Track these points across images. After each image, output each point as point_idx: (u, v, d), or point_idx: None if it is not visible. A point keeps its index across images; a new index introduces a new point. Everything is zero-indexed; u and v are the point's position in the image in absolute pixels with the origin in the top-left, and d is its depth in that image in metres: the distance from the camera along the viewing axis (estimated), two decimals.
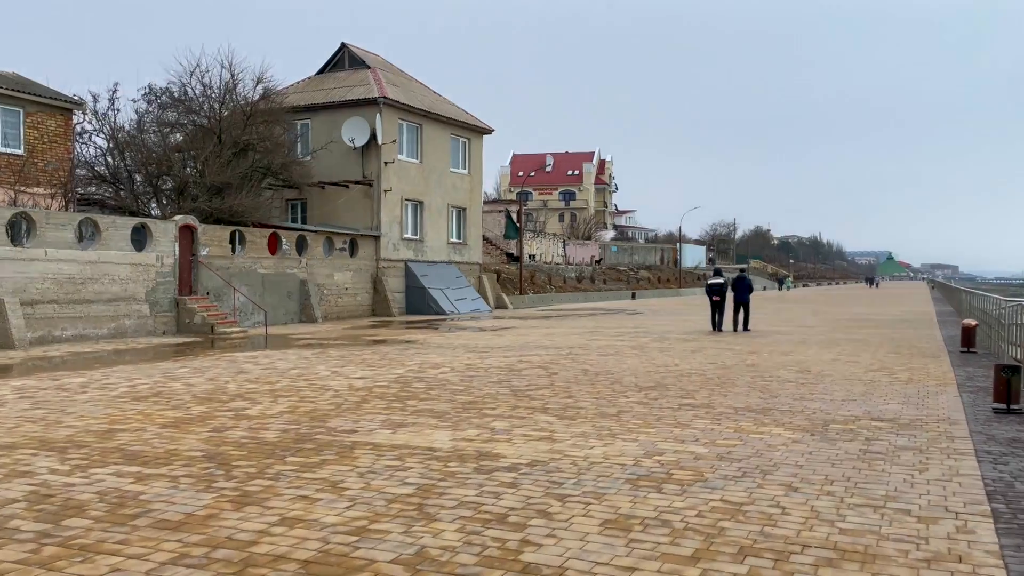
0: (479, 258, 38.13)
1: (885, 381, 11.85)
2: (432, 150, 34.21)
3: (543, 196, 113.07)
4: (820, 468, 6.38)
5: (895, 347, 17.68)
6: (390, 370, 13.32)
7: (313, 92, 33.64)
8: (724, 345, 18.12)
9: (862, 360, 14.91)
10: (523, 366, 13.84)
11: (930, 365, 14.05)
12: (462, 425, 8.32)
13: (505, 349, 17.13)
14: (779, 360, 14.90)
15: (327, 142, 31.44)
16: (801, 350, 16.91)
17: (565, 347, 17.56)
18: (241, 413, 9.19)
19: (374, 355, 15.94)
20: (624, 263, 78.95)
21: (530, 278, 46.77)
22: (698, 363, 14.35)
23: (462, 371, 13.12)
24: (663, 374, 12.69)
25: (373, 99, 31.22)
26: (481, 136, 37.72)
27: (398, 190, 32.20)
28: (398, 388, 11.16)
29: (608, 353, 16.18)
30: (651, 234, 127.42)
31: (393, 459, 6.77)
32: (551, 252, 69.28)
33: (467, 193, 36.77)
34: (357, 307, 30.40)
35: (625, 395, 10.46)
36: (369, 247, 31.18)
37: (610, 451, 7.04)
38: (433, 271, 33.81)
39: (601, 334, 21.64)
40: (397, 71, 36.70)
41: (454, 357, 15.44)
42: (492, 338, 20.33)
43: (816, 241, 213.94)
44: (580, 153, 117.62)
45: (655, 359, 15.07)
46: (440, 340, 19.77)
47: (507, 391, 10.81)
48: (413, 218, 33.67)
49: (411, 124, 33.18)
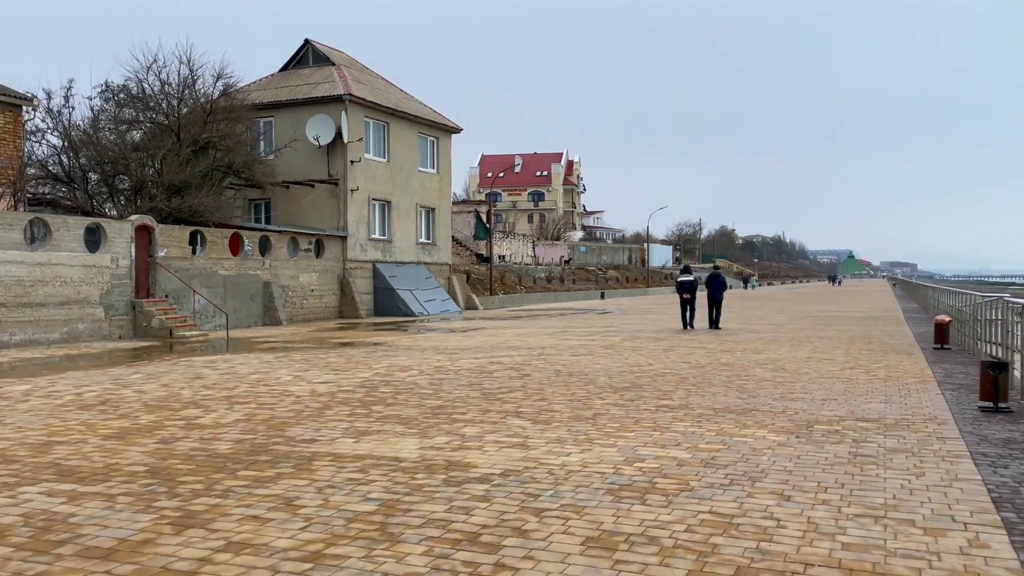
0: (448, 259, 37.59)
1: (863, 379, 11.57)
2: (400, 149, 33.62)
3: (512, 197, 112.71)
4: (811, 474, 6.00)
5: (867, 344, 17.50)
6: (355, 374, 12.78)
7: (276, 89, 32.87)
8: (696, 344, 17.82)
9: (836, 357, 14.66)
10: (494, 368, 13.37)
11: (905, 362, 13.84)
12: (430, 432, 7.83)
13: (475, 350, 16.65)
14: (753, 358, 14.61)
15: (291, 140, 30.70)
16: (773, 348, 16.65)
17: (536, 348, 17.13)
18: (193, 422, 8.61)
19: (339, 358, 15.37)
20: (593, 263, 78.85)
21: (500, 278, 46.33)
22: (672, 362, 14.00)
23: (431, 374, 12.62)
24: (637, 374, 12.31)
25: (338, 96, 30.56)
26: (449, 135, 37.19)
27: (365, 189, 31.56)
28: (363, 393, 10.63)
29: (580, 353, 15.78)
30: (618, 234, 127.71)
31: (355, 471, 6.27)
32: (521, 252, 68.91)
33: (436, 193, 36.21)
34: (323, 309, 29.71)
35: (600, 396, 10.04)
36: (335, 248, 30.49)
37: (588, 458, 6.60)
38: (402, 272, 33.21)
39: (572, 334, 21.25)
40: (363, 68, 36.04)
41: (423, 359, 14.92)
42: (462, 339, 19.83)
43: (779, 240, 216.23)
44: (548, 154, 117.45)
45: (628, 358, 14.69)
46: (409, 342, 19.23)
47: (478, 394, 10.34)
48: (381, 218, 33.05)
49: (378, 122, 32.56)
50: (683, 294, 22.58)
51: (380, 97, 32.91)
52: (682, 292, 22.64)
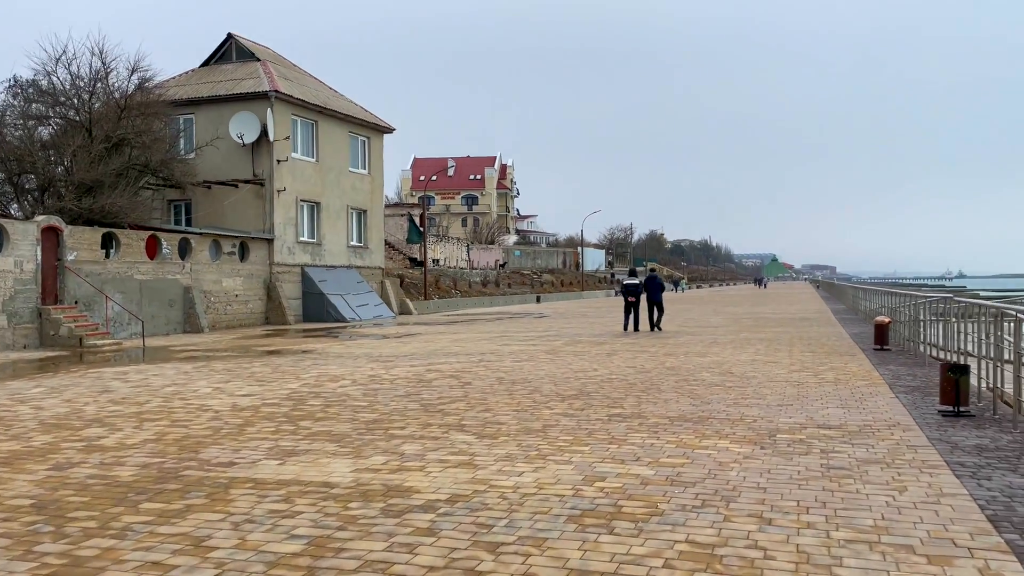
0: (381, 262, 36.59)
1: (813, 382, 11.27)
2: (329, 148, 32.51)
3: (445, 200, 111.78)
4: (787, 491, 5.49)
5: (808, 345, 17.39)
6: (282, 385, 11.87)
7: (197, 85, 31.38)
8: (638, 347, 17.42)
9: (780, 360, 14.42)
10: (433, 376, 12.64)
11: (850, 364, 13.66)
12: (365, 451, 7.08)
13: (412, 357, 15.87)
14: (697, 362, 14.25)
15: (213, 138, 29.29)
16: (716, 351, 16.37)
17: (476, 353, 16.45)
18: (95, 443, 7.65)
19: (264, 368, 14.40)
20: (527, 267, 78.61)
21: (435, 283, 45.48)
22: (616, 367, 13.51)
23: (365, 384, 11.81)
24: (583, 380, 11.75)
25: (263, 93, 29.31)
26: (381, 135, 36.22)
27: (293, 190, 30.36)
28: (290, 406, 9.78)
29: (522, 359, 15.17)
30: (552, 238, 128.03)
31: (279, 500, 5.49)
32: (455, 256, 68.13)
33: (368, 194, 35.19)
34: (248, 315, 28.40)
35: (548, 406, 9.43)
36: (261, 251, 29.21)
37: (543, 478, 5.97)
38: (332, 276, 32.08)
39: (511, 339, 20.64)
40: (289, 64, 34.78)
41: (356, 368, 14.08)
42: (397, 346, 19.01)
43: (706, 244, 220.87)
44: (482, 158, 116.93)
45: (571, 364, 14.15)
46: (340, 349, 18.31)
47: (417, 406, 9.61)
48: (310, 220, 31.87)
49: (306, 120, 31.39)
50: (628, 297, 22.61)
51: (308, 94, 31.75)
52: (627, 295, 22.64)
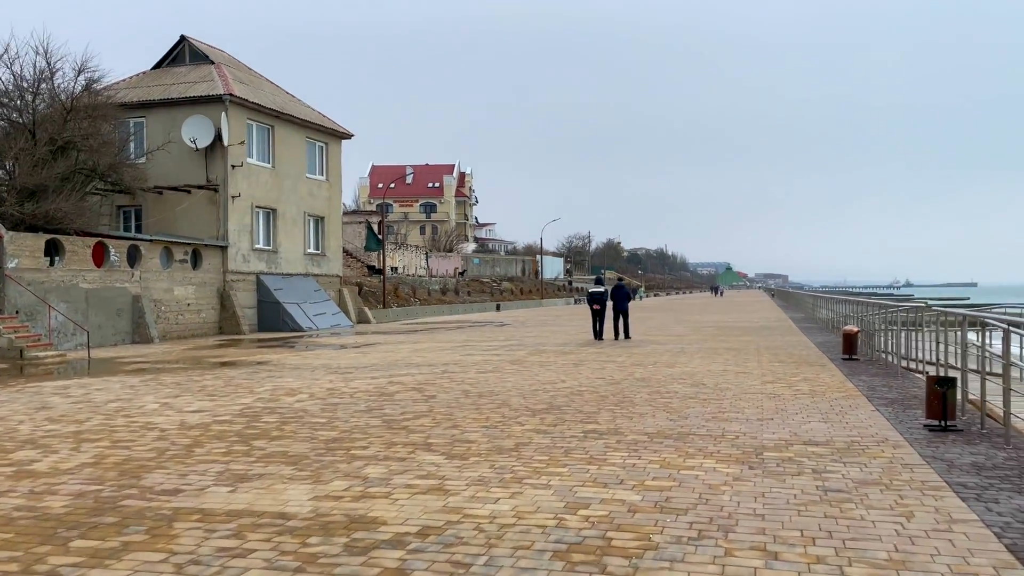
0: (339, 270, 35.80)
1: (789, 394, 10.97)
2: (286, 154, 31.70)
3: (404, 208, 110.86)
4: (787, 519, 5.09)
5: (775, 355, 17.19)
6: (235, 399, 11.21)
7: (149, 88, 30.37)
8: (605, 357, 17.05)
9: (751, 370, 14.15)
10: (395, 389, 12.08)
11: (822, 375, 13.43)
12: (325, 474, 6.52)
13: (372, 369, 15.27)
14: (667, 372, 13.90)
15: (165, 142, 28.34)
16: (684, 360, 16.07)
17: (438, 364, 15.91)
18: (26, 468, 6.97)
19: (217, 381, 13.67)
20: (487, 275, 78.18)
21: (393, 291, 44.75)
22: (585, 378, 13.09)
23: (323, 398, 11.21)
24: (552, 393, 11.30)
25: (218, 96, 28.44)
26: (340, 141, 35.48)
27: (248, 196, 29.49)
28: (243, 423, 9.15)
29: (486, 370, 14.67)
30: (510, 246, 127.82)
31: (229, 536, 4.92)
32: (414, 264, 67.40)
33: (325, 201, 34.41)
34: (201, 325, 27.44)
35: (518, 421, 8.95)
36: (215, 258, 28.28)
37: (521, 505, 5.48)
38: (288, 284, 31.24)
39: (474, 348, 20.12)
40: (245, 68, 33.90)
41: (313, 381, 13.44)
42: (356, 356, 18.36)
43: (662, 253, 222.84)
44: (440, 165, 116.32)
45: (538, 375, 13.69)
46: (297, 360, 17.61)
47: (379, 422, 9.05)
48: (265, 227, 31.00)
49: (261, 125, 30.56)
50: (593, 305, 22.47)
51: (264, 99, 30.93)
52: (592, 303, 22.50)
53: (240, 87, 29.95)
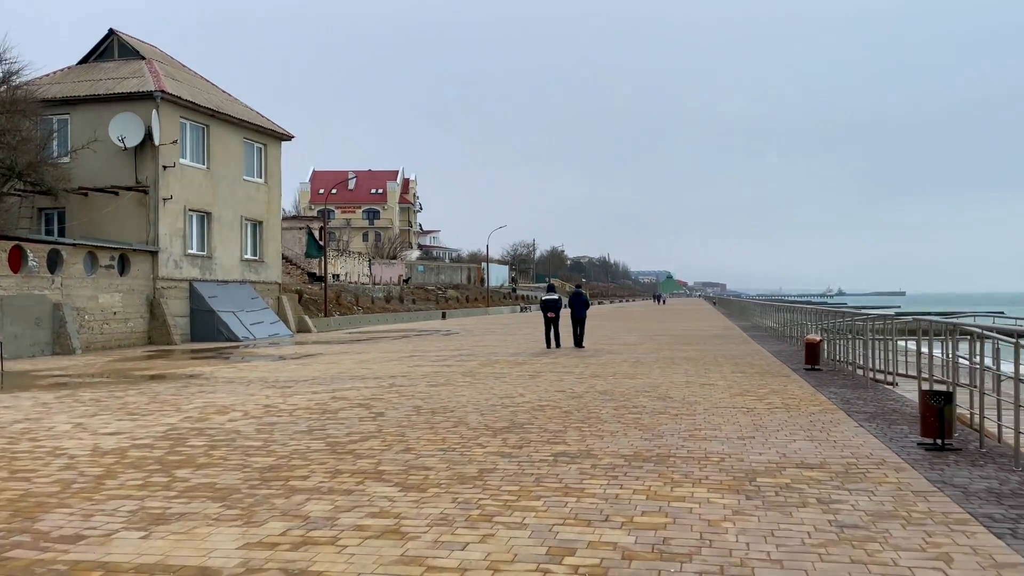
0: (278, 277, 34.37)
1: (763, 408, 10.36)
2: (221, 155, 30.24)
3: (346, 214, 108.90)
4: (810, 565, 4.34)
5: (736, 365, 16.69)
6: (159, 419, 10.08)
7: (74, 83, 28.63)
8: (561, 368, 16.29)
9: (716, 382, 13.56)
10: (339, 405, 11.09)
11: (790, 386, 12.90)
12: (259, 513, 5.56)
13: (313, 382, 14.21)
14: (629, 384, 13.21)
15: (90, 141, 26.68)
16: (644, 371, 15.42)
17: (385, 377, 14.92)
18: None
19: (140, 397, 12.46)
20: (432, 283, 77.05)
21: (336, 299, 43.37)
22: (544, 391, 12.30)
23: (259, 416, 10.16)
24: (512, 408, 10.47)
25: (148, 93, 26.91)
26: (279, 142, 34.11)
27: (180, 198, 27.97)
28: (166, 448, 8.08)
29: (438, 383, 13.76)
30: (455, 254, 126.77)
31: None
32: (356, 271, 65.87)
33: (264, 205, 32.99)
34: (129, 335, 25.83)
35: (479, 442, 8.09)
36: (144, 264, 26.70)
37: (495, 552, 4.63)
38: (224, 292, 29.75)
39: (422, 359, 19.16)
40: (178, 65, 32.33)
41: (248, 396, 12.34)
42: (296, 368, 17.23)
43: (605, 261, 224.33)
44: (384, 171, 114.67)
45: (494, 388, 12.85)
46: (231, 373, 16.41)
47: (322, 445, 8.09)
48: (199, 231, 29.48)
49: (196, 124, 29.07)
50: (547, 313, 21.97)
51: (198, 96, 29.45)
52: (546, 311, 22.00)
53: (172, 83, 28.45)
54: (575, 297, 22.39)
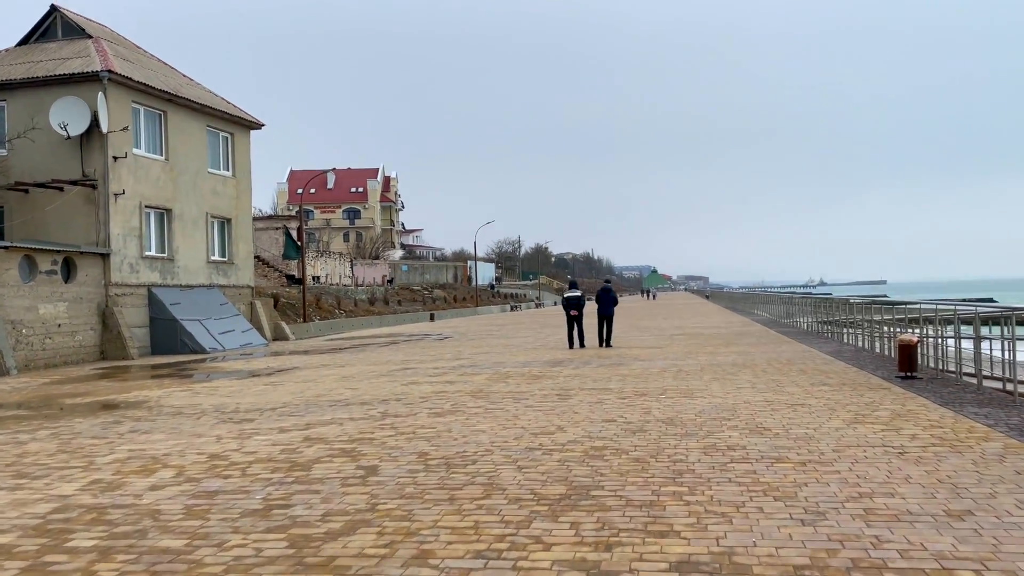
0: (250, 280, 31.09)
1: (912, 446, 7.38)
2: (182, 145, 26.95)
3: (326, 214, 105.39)
4: None
5: (805, 374, 13.73)
6: (51, 485, 6.93)
7: (11, 66, 25.27)
8: (591, 381, 13.25)
9: (803, 400, 10.58)
10: (314, 453, 7.97)
11: (909, 405, 9.93)
12: None
13: (282, 413, 11.06)
14: (692, 406, 10.21)
15: (28, 129, 23.37)
16: (697, 385, 12.42)
17: (375, 401, 11.80)
18: None
19: (48, 443, 9.27)
20: (417, 283, 73.91)
21: (315, 302, 40.12)
22: (589, 422, 9.26)
23: (197, 479, 7.03)
24: (557, 454, 7.43)
25: (94, 74, 23.62)
26: (248, 131, 30.83)
27: (135, 193, 24.69)
28: (34, 552, 4.94)
29: (443, 410, 10.66)
30: (439, 252, 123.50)
31: None
32: (338, 273, 62.61)
33: (232, 200, 29.70)
34: (77, 350, 22.55)
35: (533, 534, 5.04)
36: (94, 269, 23.40)
37: None
38: (188, 298, 26.49)
39: (417, 372, 16.05)
40: (131, 45, 28.98)
41: (194, 438, 9.19)
42: (264, 390, 14.07)
43: (589, 257, 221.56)
44: (364, 169, 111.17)
45: (520, 418, 9.79)
46: (183, 399, 13.23)
47: (281, 544, 4.99)
48: (159, 230, 26.20)
49: (151, 110, 25.77)
50: (570, 311, 20.77)
51: (153, 79, 26.14)
52: (569, 308, 20.81)
53: (123, 64, 25.13)
54: (604, 293, 21.10)
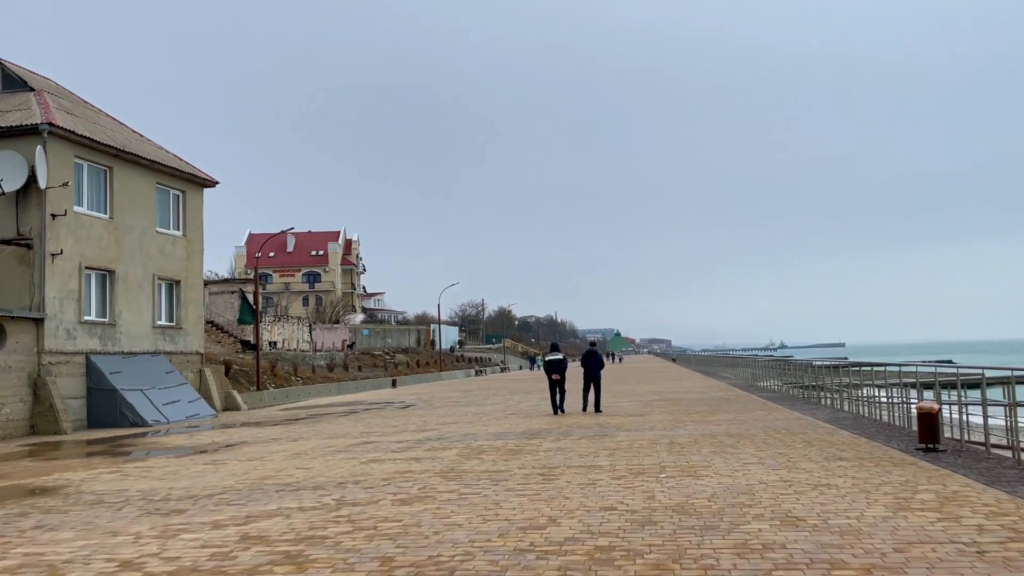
0: (200, 346, 29.17)
1: (991, 543, 6.08)
2: (128, 202, 25.36)
3: (285, 278, 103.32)
4: None
5: (812, 446, 12.46)
6: None
7: None
8: (577, 457, 11.80)
9: (824, 480, 9.28)
10: (250, 559, 6.39)
11: (950, 484, 8.67)
12: None
13: (220, 501, 9.40)
14: (702, 489, 8.83)
15: None
16: (698, 460, 11.06)
17: (330, 484, 10.20)
18: None
19: None
20: (378, 347, 71.94)
21: (270, 369, 38.12)
22: (584, 511, 7.82)
23: None
24: (552, 556, 5.97)
25: (33, 127, 22.10)
26: (201, 189, 29.33)
27: (74, 254, 22.95)
28: None
29: (410, 496, 9.11)
30: (401, 316, 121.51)
31: None
32: (296, 338, 60.55)
33: (182, 261, 28.01)
34: (3, 424, 20.48)
35: None
36: (26, 335, 21.47)
37: None
38: (131, 366, 24.54)
39: (380, 448, 14.42)
40: (77, 99, 27.55)
41: (106, 539, 7.52)
42: (204, 471, 12.33)
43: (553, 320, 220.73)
44: (325, 232, 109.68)
45: (502, 506, 8.30)
46: (108, 484, 11.46)
47: None
48: (100, 293, 24.38)
49: (96, 166, 24.23)
50: (552, 375, 19.97)
51: (99, 133, 24.67)
52: (551, 373, 20.01)
53: (66, 117, 23.66)
54: (589, 356, 19.81)
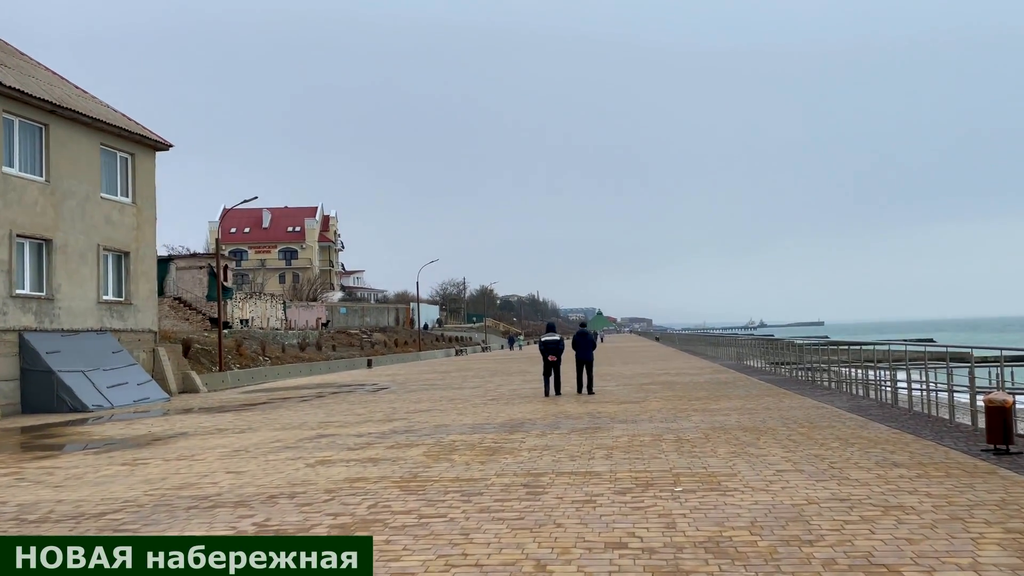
0: (153, 323, 26.83)
1: None
2: (68, 164, 22.91)
3: (260, 255, 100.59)
4: None
5: (847, 443, 10.50)
6: None
7: None
8: (568, 459, 9.76)
9: (885, 493, 7.33)
10: None
11: None
12: None
13: (110, 522, 7.25)
14: (734, 511, 6.83)
15: None
16: (712, 461, 9.07)
17: (257, 502, 8.07)
18: None
19: None
20: (355, 326, 69.76)
21: (236, 348, 35.83)
22: (583, 549, 5.79)
23: None
24: None
25: None
26: (152, 152, 26.84)
27: (4, 220, 20.59)
28: None
29: (354, 519, 7.02)
30: (381, 295, 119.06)
31: None
32: (270, 315, 58.23)
33: (131, 231, 25.60)
34: None
35: None
36: None
37: None
38: (71, 345, 22.23)
39: (334, 445, 12.30)
40: (13, 51, 24.95)
41: None
42: (114, 476, 10.15)
43: (534, 299, 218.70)
44: (301, 208, 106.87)
45: (471, 539, 6.25)
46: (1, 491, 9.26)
47: None
48: (34, 264, 22.00)
49: (29, 122, 21.76)
50: (548, 356, 18.86)
51: (32, 86, 22.16)
52: (547, 354, 18.87)
53: None
54: (580, 336, 18.73)
